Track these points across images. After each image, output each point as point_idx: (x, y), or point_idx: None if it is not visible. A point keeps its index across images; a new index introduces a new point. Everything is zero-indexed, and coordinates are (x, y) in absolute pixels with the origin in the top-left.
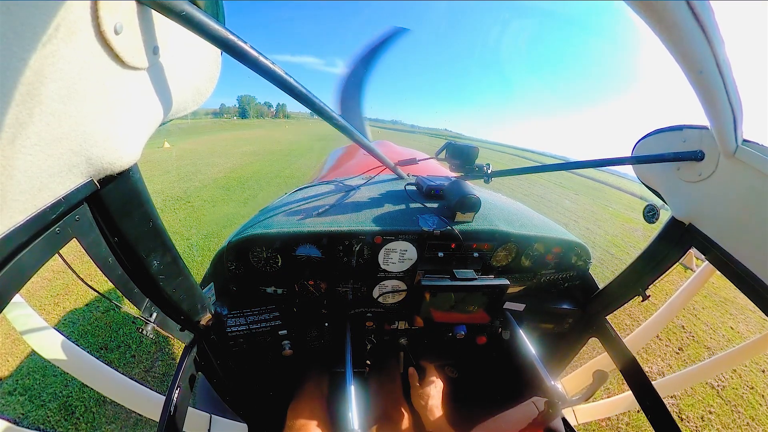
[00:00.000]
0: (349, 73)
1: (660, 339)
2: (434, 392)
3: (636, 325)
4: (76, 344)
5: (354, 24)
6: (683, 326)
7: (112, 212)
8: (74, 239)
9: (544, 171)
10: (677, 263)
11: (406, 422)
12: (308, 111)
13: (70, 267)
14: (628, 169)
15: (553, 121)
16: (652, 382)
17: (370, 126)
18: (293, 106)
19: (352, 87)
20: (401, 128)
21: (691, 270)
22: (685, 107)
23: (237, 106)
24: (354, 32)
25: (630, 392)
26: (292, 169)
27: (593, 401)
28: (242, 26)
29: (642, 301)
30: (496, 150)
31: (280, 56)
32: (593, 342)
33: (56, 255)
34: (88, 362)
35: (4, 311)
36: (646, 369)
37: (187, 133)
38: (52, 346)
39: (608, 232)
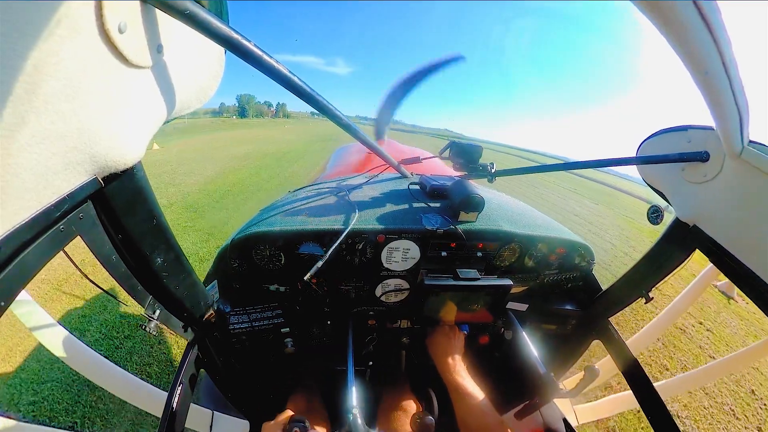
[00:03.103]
0: (401, 82)
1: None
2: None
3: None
4: (81, 340)
5: (355, 23)
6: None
7: (116, 210)
8: (78, 237)
9: (549, 171)
10: (682, 265)
11: (407, 421)
12: (309, 110)
13: (74, 264)
14: (633, 171)
15: (558, 122)
16: (654, 385)
17: (371, 126)
18: (293, 105)
19: (397, 94)
20: (402, 128)
21: (734, 300)
22: (691, 108)
23: (236, 105)
24: (355, 32)
25: (629, 392)
26: (282, 178)
27: (594, 401)
28: (243, 25)
29: (645, 302)
30: (501, 151)
31: (280, 55)
32: (599, 345)
33: (60, 252)
34: (91, 358)
35: (10, 307)
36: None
37: (183, 133)
38: (57, 342)
39: (636, 248)
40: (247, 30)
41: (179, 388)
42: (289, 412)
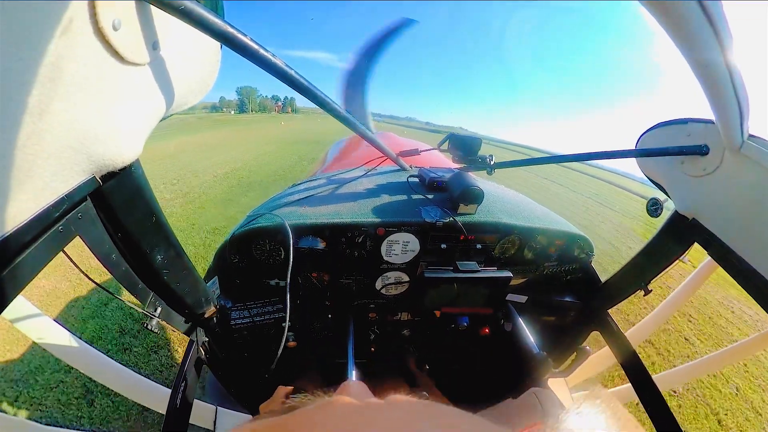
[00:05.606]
0: (353, 66)
1: None
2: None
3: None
4: (82, 339)
5: (369, 19)
6: None
7: (115, 208)
8: (77, 236)
9: (548, 162)
10: (680, 258)
11: None
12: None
13: (75, 264)
14: (633, 169)
15: (558, 119)
16: (653, 376)
17: (386, 123)
18: (303, 100)
19: (356, 80)
20: (416, 125)
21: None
22: (691, 101)
23: (237, 99)
24: (368, 27)
25: (628, 385)
26: None
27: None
28: (251, 21)
29: (644, 295)
30: (503, 148)
31: (293, 52)
32: (598, 337)
33: (60, 253)
34: (94, 356)
35: (8, 308)
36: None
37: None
38: (57, 341)
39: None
40: (257, 27)
41: (182, 384)
42: (287, 388)
